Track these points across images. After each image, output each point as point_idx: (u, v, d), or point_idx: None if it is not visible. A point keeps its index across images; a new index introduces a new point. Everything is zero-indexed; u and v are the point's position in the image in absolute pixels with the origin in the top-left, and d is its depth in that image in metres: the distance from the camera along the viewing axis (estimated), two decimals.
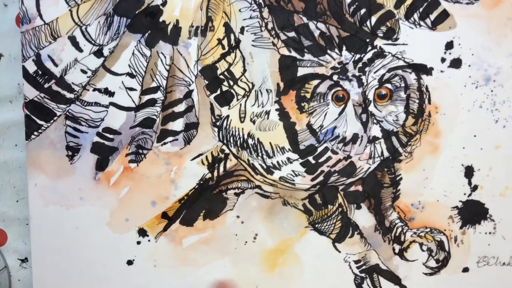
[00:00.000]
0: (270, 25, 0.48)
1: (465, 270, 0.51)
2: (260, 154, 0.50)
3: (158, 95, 0.49)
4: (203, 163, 0.50)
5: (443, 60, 0.48)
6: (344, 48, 0.48)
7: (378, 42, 0.48)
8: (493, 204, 0.50)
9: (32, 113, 0.50)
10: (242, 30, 0.48)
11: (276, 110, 0.49)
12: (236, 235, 0.52)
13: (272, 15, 0.48)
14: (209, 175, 0.51)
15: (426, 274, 0.52)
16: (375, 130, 0.49)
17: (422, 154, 0.50)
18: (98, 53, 0.49)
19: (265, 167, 0.50)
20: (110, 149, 0.50)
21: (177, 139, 0.50)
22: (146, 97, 0.50)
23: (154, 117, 0.50)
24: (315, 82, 0.49)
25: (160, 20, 0.48)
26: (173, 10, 0.48)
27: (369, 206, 0.51)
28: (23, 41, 0.49)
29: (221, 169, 0.51)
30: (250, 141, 0.50)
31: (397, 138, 0.49)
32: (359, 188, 0.51)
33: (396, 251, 0.52)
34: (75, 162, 0.51)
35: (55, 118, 0.50)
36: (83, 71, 0.49)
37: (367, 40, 0.48)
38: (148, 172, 0.51)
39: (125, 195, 0.51)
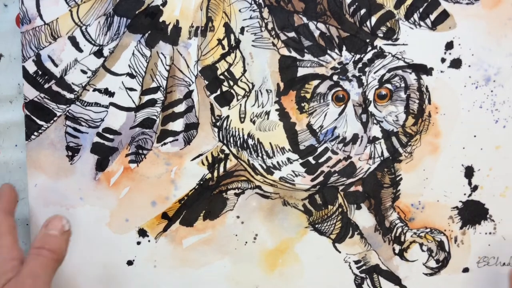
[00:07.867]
0: (270, 25, 0.48)
1: (465, 270, 0.51)
2: (260, 155, 0.50)
3: (158, 95, 0.49)
4: (203, 164, 0.50)
5: (443, 60, 0.48)
6: (344, 48, 0.48)
7: (378, 43, 0.48)
8: (493, 204, 0.50)
9: (32, 113, 0.50)
10: (242, 30, 0.48)
11: (276, 110, 0.49)
12: (236, 235, 0.52)
13: (272, 15, 0.48)
14: (209, 176, 0.51)
15: (426, 274, 0.52)
16: (375, 131, 0.49)
17: (422, 154, 0.50)
18: (98, 54, 0.49)
19: (265, 167, 0.50)
20: (110, 149, 0.50)
21: (177, 140, 0.50)
22: (146, 98, 0.49)
23: (154, 117, 0.50)
24: (315, 82, 0.49)
25: (160, 20, 0.48)
26: (173, 10, 0.48)
27: (369, 207, 0.51)
28: (23, 41, 0.49)
29: (221, 169, 0.51)
30: (250, 142, 0.50)
31: (397, 138, 0.49)
32: (359, 188, 0.51)
33: (396, 251, 0.52)
34: (75, 163, 0.51)
35: (55, 118, 0.50)
36: (83, 71, 0.49)
37: (367, 40, 0.48)
38: (148, 172, 0.51)
39: (125, 195, 0.51)
